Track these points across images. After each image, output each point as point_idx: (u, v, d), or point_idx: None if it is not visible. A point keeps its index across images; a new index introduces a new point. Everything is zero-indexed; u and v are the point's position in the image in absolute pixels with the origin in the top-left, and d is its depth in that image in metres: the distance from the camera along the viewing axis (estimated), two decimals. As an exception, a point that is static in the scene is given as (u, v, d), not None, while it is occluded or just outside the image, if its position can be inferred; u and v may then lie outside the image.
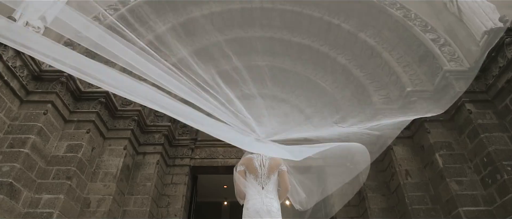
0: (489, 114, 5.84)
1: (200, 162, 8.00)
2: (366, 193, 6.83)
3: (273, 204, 2.70)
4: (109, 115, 6.97)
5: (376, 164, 7.21)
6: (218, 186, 9.65)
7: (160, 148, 7.44)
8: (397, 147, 6.76)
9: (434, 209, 5.92)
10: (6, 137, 5.47)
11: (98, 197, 6.09)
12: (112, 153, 6.67)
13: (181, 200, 7.35)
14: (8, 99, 5.63)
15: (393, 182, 6.66)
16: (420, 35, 7.17)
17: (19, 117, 5.75)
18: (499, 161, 5.23)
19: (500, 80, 5.74)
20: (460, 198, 5.47)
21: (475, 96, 6.08)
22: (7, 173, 5.07)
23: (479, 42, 6.43)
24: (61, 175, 5.72)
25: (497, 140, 5.49)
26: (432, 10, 7.66)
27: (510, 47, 5.52)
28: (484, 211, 5.29)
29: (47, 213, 5.29)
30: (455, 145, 6.11)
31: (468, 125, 5.93)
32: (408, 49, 7.52)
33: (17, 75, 5.73)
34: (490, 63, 5.95)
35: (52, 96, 6.01)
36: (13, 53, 5.61)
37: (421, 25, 7.32)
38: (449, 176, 5.74)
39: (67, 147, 6.06)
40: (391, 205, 6.60)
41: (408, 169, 6.43)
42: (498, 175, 5.20)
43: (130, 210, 6.56)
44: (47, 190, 5.51)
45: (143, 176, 7.01)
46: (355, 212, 7.11)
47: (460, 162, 5.88)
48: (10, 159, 5.21)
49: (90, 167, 6.31)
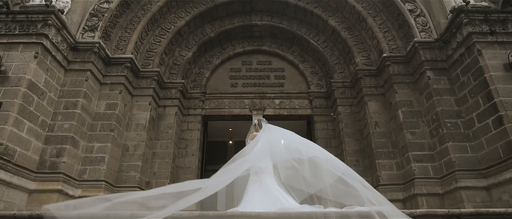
0: (444, 80, 7.26)
1: (210, 111, 9.61)
2: (344, 138, 8.59)
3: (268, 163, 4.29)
4: (133, 76, 8.34)
5: (354, 115, 8.87)
6: (225, 129, 11.44)
7: (177, 101, 8.98)
8: (371, 102, 8.31)
9: (393, 152, 7.72)
10: (60, 100, 6.96)
11: (133, 143, 7.82)
12: (140, 108, 8.23)
13: (196, 143, 9.15)
14: (57, 70, 6.97)
15: (365, 130, 8.37)
16: (400, 4, 8.15)
17: (66, 83, 7.15)
18: (442, 119, 6.83)
19: (456, 53, 7.03)
20: (412, 145, 7.21)
21: (435, 64, 7.41)
22: (68, 129, 6.69)
23: (448, 15, 7.51)
24: (105, 128, 7.36)
25: (445, 102, 7.02)
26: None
27: (466, 27, 6.68)
28: (427, 155, 7.08)
29: (100, 157, 7.06)
30: (415, 103, 7.65)
31: (426, 88, 7.39)
32: (390, 16, 8.56)
33: (60, 49, 6.98)
34: (451, 37, 7.15)
35: (89, 65, 7.33)
36: (55, 31, 6.78)
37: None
38: (406, 127, 7.40)
39: (106, 105, 7.60)
40: (362, 148, 8.42)
41: (377, 121, 8.07)
42: (440, 129, 6.85)
43: (158, 152, 8.38)
44: (97, 140, 7.20)
45: (165, 125, 8.69)
46: (334, 152, 8.95)
47: (416, 117, 7.50)
48: (67, 118, 6.78)
49: (124, 120, 7.92)
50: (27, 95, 6.07)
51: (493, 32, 6.56)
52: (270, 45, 10.44)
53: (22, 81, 6.03)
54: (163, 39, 9.14)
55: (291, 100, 9.69)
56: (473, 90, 6.54)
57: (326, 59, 9.66)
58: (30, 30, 6.50)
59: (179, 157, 8.88)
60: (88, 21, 7.80)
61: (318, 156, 3.56)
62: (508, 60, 6.21)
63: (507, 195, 5.59)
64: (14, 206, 5.56)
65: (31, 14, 6.54)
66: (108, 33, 8.07)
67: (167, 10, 9.23)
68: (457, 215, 2.82)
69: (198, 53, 9.98)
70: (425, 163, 6.98)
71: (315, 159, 3.54)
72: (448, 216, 2.79)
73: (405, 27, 8.16)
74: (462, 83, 6.89)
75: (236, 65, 10.31)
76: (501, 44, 6.46)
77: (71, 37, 7.25)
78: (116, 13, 8.19)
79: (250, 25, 10.20)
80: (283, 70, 10.24)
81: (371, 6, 8.83)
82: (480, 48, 6.43)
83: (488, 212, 3.02)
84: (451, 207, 6.25)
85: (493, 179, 5.89)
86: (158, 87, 8.81)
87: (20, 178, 5.74)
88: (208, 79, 10.02)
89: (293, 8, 9.78)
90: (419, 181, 6.75)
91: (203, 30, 9.95)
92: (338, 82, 9.17)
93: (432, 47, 7.53)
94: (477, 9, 6.75)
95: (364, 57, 8.93)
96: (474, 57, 6.49)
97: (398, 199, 7.05)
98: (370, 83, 8.49)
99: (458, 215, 2.82)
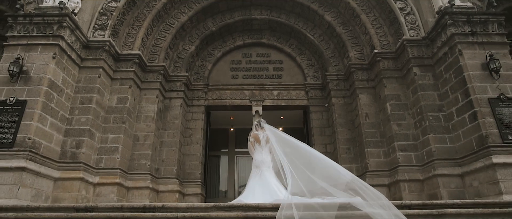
0: (429, 76, 7.88)
1: (212, 102, 10.27)
2: (337, 128, 9.30)
3: (267, 157, 5.00)
4: (141, 71, 8.93)
5: (347, 106, 9.53)
6: (226, 117, 12.12)
7: (182, 93, 9.61)
8: (363, 95, 8.95)
9: (381, 141, 8.43)
10: (76, 96, 7.60)
11: (143, 133, 8.52)
12: (148, 101, 8.88)
13: (200, 131, 9.86)
14: (72, 68, 7.57)
15: (356, 120, 9.06)
16: (392, 3, 8.64)
17: (80, 80, 7.76)
18: (425, 112, 7.50)
19: (440, 51, 7.61)
20: (398, 135, 7.92)
21: (422, 61, 8.00)
22: (85, 122, 7.36)
23: (435, 15, 8.02)
24: (118, 120, 8.03)
25: (429, 96, 7.66)
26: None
27: (450, 28, 7.22)
28: (411, 145, 7.80)
29: (114, 147, 7.77)
30: (402, 97, 8.30)
31: (412, 83, 8.01)
32: (382, 13, 9.06)
33: (74, 48, 7.55)
34: (436, 36, 7.71)
35: (101, 63, 7.91)
36: (69, 31, 7.32)
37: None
38: (393, 119, 8.08)
39: (117, 99, 8.24)
40: (353, 137, 9.13)
41: (368, 112, 8.75)
42: (423, 121, 7.54)
43: (165, 141, 9.09)
44: (111, 132, 7.89)
45: (172, 116, 9.36)
46: (328, 140, 9.70)
47: (402, 110, 8.17)
48: (84, 112, 7.44)
49: (134, 112, 8.58)
50: (48, 93, 6.70)
51: (474, 33, 7.12)
52: (269, 38, 10.96)
53: (43, 80, 6.64)
54: (168, 34, 9.66)
55: (289, 92, 10.32)
56: (454, 87, 7.18)
57: (322, 53, 10.22)
58: (47, 32, 7.04)
59: (184, 145, 9.61)
60: (97, 20, 8.30)
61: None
62: (486, 60, 6.81)
63: (477, 182, 6.35)
64: (42, 193, 6.32)
65: (47, 16, 7.06)
66: (116, 30, 8.59)
67: (171, 6, 9.70)
68: (408, 206, 3.53)
69: (201, 47, 10.51)
70: (408, 152, 7.72)
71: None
72: (401, 206, 3.50)
73: (395, 24, 8.69)
74: (444, 79, 7.51)
75: (237, 58, 10.87)
76: (481, 44, 7.03)
77: (84, 37, 7.78)
78: (123, 11, 8.67)
79: (249, 19, 10.67)
80: (281, 62, 10.81)
81: (365, 3, 9.31)
82: (461, 48, 7.01)
83: (432, 203, 3.75)
84: (429, 192, 7.06)
85: (466, 168, 6.64)
86: (164, 80, 9.41)
87: (47, 167, 6.47)
88: (210, 71, 10.60)
89: (291, 3, 10.23)
90: (403, 168, 7.51)
91: (205, 24, 10.44)
92: (333, 75, 9.77)
93: (419, 44, 8.09)
94: (461, 11, 7.27)
95: (357, 51, 9.49)
96: (456, 57, 7.09)
97: (383, 184, 7.84)
98: (362, 77, 9.10)
99: (409, 206, 3.54)
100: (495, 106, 6.46)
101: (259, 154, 4.97)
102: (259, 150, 5.03)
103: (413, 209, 3.54)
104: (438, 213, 3.49)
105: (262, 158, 4.85)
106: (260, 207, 3.43)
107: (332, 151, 9.45)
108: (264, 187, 4.35)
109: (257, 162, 4.87)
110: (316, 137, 9.79)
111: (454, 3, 7.36)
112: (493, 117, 6.37)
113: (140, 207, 3.79)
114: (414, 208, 3.55)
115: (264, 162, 4.84)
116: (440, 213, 3.47)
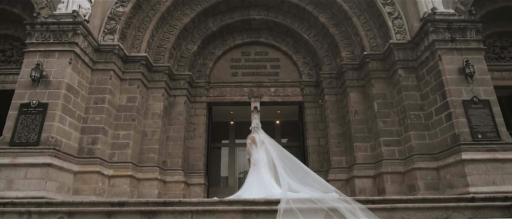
0: (412, 77, 8.59)
1: (214, 98, 11.00)
2: (329, 123, 10.07)
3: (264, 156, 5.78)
4: (148, 71, 9.63)
5: (338, 103, 10.28)
6: (227, 111, 12.88)
7: (185, 91, 10.34)
8: (353, 93, 9.69)
9: (368, 137, 9.22)
10: (90, 96, 8.33)
11: (151, 129, 9.30)
12: (155, 99, 9.62)
13: (202, 126, 10.64)
14: (85, 71, 8.27)
15: (347, 117, 9.82)
16: (381, 7, 9.26)
17: (93, 81, 8.47)
18: (408, 111, 8.26)
19: (423, 55, 8.30)
20: (383, 131, 8.70)
21: (407, 63, 8.69)
22: (99, 121, 8.13)
23: (420, 20, 8.66)
24: (128, 118, 8.79)
25: (411, 96, 8.40)
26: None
27: (431, 34, 7.87)
28: (394, 140, 8.60)
29: (126, 142, 8.56)
30: (388, 96, 9.04)
31: (397, 84, 8.74)
32: (372, 16, 9.69)
33: (87, 53, 8.23)
34: (420, 41, 8.37)
35: (111, 65, 8.61)
36: (82, 38, 7.98)
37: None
38: (380, 117, 8.85)
39: (127, 99, 8.98)
40: (344, 132, 9.92)
41: (357, 109, 9.50)
42: (406, 119, 8.30)
43: (171, 135, 9.89)
44: (122, 128, 8.66)
45: (176, 112, 10.12)
46: (321, 134, 10.49)
47: (388, 108, 8.93)
48: (98, 112, 8.20)
49: (142, 110, 9.33)
50: (67, 96, 7.44)
51: (454, 39, 7.79)
52: (266, 37, 11.59)
53: (61, 84, 7.36)
54: (171, 35, 10.31)
55: (285, 88, 11.04)
56: (434, 88, 7.91)
57: (316, 52, 10.89)
58: (62, 39, 7.71)
59: (188, 139, 10.41)
60: (107, 24, 8.94)
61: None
62: (462, 65, 7.52)
63: (449, 175, 7.17)
64: (65, 185, 7.15)
65: (62, 24, 7.71)
66: (124, 33, 9.23)
67: (174, 8, 10.30)
68: (371, 201, 4.33)
69: (202, 46, 11.16)
70: (392, 147, 8.52)
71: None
72: (366, 201, 4.28)
73: (384, 28, 9.33)
74: (426, 81, 8.23)
75: (236, 56, 11.53)
76: (459, 50, 7.72)
77: (95, 41, 8.45)
78: (130, 15, 9.30)
79: (248, 19, 11.27)
80: (278, 60, 11.48)
81: (356, 6, 9.91)
82: (441, 54, 7.70)
83: (391, 198, 4.55)
84: (408, 183, 7.91)
85: (441, 162, 7.45)
86: (169, 79, 10.12)
87: (68, 163, 7.28)
88: (211, 69, 11.29)
89: (288, 4, 10.82)
90: (386, 161, 8.32)
91: (206, 24, 11.06)
92: (326, 73, 10.47)
93: (405, 48, 8.77)
94: (442, 18, 7.92)
95: (349, 52, 10.17)
96: (436, 61, 7.79)
97: (369, 176, 8.69)
98: (353, 76, 9.81)
99: (373, 201, 4.34)
100: (468, 107, 7.21)
101: (256, 153, 5.76)
102: (256, 150, 5.82)
103: (376, 204, 4.34)
104: (391, 207, 4.26)
105: (259, 157, 5.67)
106: (255, 201, 4.24)
107: (325, 144, 10.26)
108: (261, 183, 5.17)
109: (254, 160, 5.69)
110: (310, 131, 10.58)
111: (437, 11, 7.99)
112: (466, 117, 7.14)
113: (162, 202, 4.60)
114: (377, 202, 4.36)
115: (261, 160, 5.64)
116: (392, 207, 4.24)
